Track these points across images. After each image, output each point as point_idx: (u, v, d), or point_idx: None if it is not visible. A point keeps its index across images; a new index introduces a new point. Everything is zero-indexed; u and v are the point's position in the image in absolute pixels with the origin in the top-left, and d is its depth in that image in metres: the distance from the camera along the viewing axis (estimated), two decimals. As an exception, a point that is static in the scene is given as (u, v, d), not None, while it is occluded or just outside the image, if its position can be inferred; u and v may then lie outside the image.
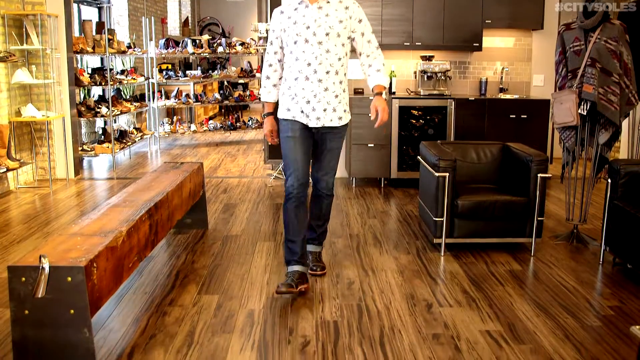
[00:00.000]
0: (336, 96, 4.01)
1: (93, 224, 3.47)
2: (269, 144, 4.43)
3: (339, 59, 4.00)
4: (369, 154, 7.30)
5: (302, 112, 3.98)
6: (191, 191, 5.05)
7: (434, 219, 4.82)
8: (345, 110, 4.08)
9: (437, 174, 4.71)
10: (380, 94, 4.00)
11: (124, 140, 9.34)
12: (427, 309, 3.82)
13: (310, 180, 4.21)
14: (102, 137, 9.21)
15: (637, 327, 2.04)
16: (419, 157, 5.45)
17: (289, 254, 4.11)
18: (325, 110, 3.98)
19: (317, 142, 4.13)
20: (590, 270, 4.50)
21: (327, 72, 3.96)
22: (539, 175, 4.71)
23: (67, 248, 3.04)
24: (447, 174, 4.68)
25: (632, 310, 3.79)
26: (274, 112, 4.20)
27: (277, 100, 4.15)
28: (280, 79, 4.15)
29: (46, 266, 2.76)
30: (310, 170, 4.19)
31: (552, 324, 3.60)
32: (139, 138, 10.00)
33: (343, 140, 4.18)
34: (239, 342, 3.37)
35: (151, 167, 8.87)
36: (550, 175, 4.85)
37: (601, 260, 4.64)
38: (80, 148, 8.45)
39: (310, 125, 4.00)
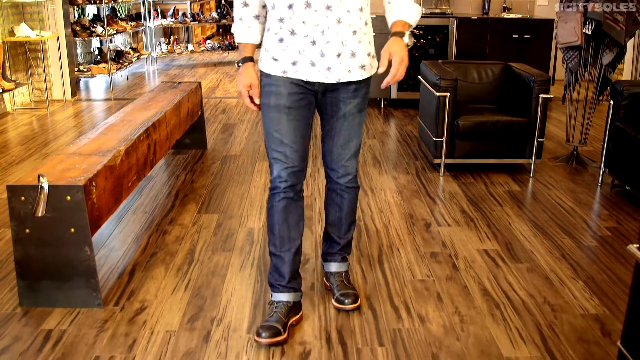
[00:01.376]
0: (354, 32, 2.54)
1: (91, 144, 3.45)
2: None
3: None
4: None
5: (294, 63, 2.55)
6: (189, 111, 5.00)
7: (434, 139, 4.80)
8: (370, 54, 2.63)
9: (437, 94, 4.66)
10: (400, 34, 2.55)
11: (121, 61, 9.20)
12: (425, 228, 3.84)
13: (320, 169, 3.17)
14: (98, 57, 9.07)
15: (635, 245, 2.05)
16: (419, 76, 5.39)
17: (273, 276, 2.79)
18: (339, 55, 2.53)
19: (324, 107, 2.72)
20: (589, 192, 4.51)
21: None
22: (540, 95, 4.66)
23: (65, 167, 3.02)
24: (447, 94, 4.63)
25: (628, 231, 3.82)
26: (253, 58, 2.70)
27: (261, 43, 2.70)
28: (264, 7, 2.66)
29: (45, 185, 2.75)
30: (322, 153, 2.87)
31: (549, 244, 3.63)
32: (136, 58, 9.85)
33: (366, 102, 2.77)
34: (239, 260, 3.41)
35: (148, 88, 8.78)
36: (552, 96, 4.80)
37: (600, 181, 4.65)
38: (76, 69, 8.34)
39: (315, 80, 2.57)
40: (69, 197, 2.77)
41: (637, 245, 2.03)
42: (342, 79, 2.57)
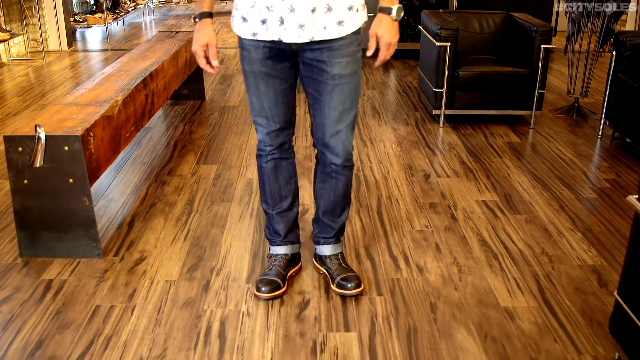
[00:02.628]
0: None
1: (88, 94, 3.42)
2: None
3: None
4: (368, 23, 7.10)
5: (264, 21, 2.27)
6: (187, 61, 4.95)
7: (434, 90, 4.77)
8: (350, 8, 2.31)
9: (438, 44, 4.61)
10: (387, 10, 2.33)
11: (117, 11, 9.08)
12: (424, 179, 3.84)
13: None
14: (94, 7, 8.95)
15: (634, 196, 2.05)
16: (420, 26, 5.32)
17: (269, 230, 2.76)
18: (314, 10, 2.22)
19: (307, 72, 2.41)
20: (589, 144, 4.50)
21: None
22: (542, 46, 4.61)
23: (62, 118, 3.00)
24: (448, 44, 4.58)
25: (627, 184, 3.82)
26: (212, 14, 2.43)
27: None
28: None
29: (42, 135, 2.73)
30: (310, 126, 2.63)
31: (548, 195, 3.63)
32: (132, 8, 9.72)
33: (358, 62, 2.43)
34: (238, 210, 3.41)
35: (145, 38, 8.68)
36: (553, 46, 4.74)
37: (600, 133, 4.63)
38: (72, 19, 8.23)
39: (287, 40, 2.28)
40: (66, 148, 2.75)
41: (637, 196, 2.03)
42: (316, 38, 2.26)
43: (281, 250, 2.74)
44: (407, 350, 2.31)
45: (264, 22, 2.28)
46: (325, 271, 2.75)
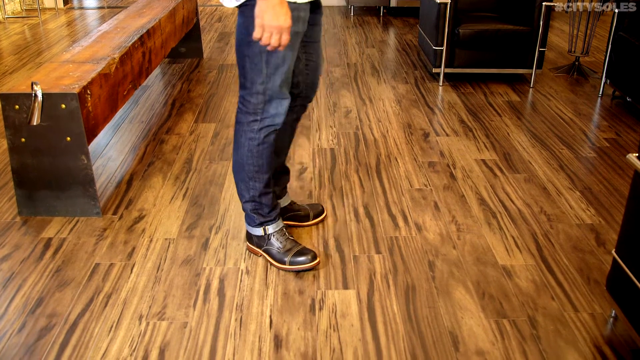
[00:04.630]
0: None
1: (85, 51, 3.38)
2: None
3: None
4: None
5: None
6: (184, 18, 4.89)
7: (434, 48, 4.72)
8: None
9: (438, 1, 4.55)
10: None
11: (113, -33, 8.94)
12: (423, 137, 3.82)
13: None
14: (90, -37, 8.81)
15: (634, 154, 2.04)
16: (420, -16, 5.25)
17: (266, 212, 2.55)
18: None
19: (308, 30, 2.41)
20: (589, 103, 4.47)
21: None
22: (543, 3, 4.55)
23: (59, 75, 2.97)
24: (448, 1, 4.52)
25: (627, 143, 3.81)
26: None
27: None
28: None
29: (39, 93, 2.71)
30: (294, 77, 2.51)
31: (547, 154, 3.63)
32: (129, -36, 9.57)
33: None
34: (237, 170, 3.40)
35: (142, -4, 8.57)
36: (555, 4, 4.68)
37: (601, 93, 4.60)
38: (67, -26, 8.12)
39: None
40: (63, 106, 2.73)
41: (637, 155, 2.02)
42: None
43: (281, 222, 2.61)
44: (406, 307, 2.33)
45: None
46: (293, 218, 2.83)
